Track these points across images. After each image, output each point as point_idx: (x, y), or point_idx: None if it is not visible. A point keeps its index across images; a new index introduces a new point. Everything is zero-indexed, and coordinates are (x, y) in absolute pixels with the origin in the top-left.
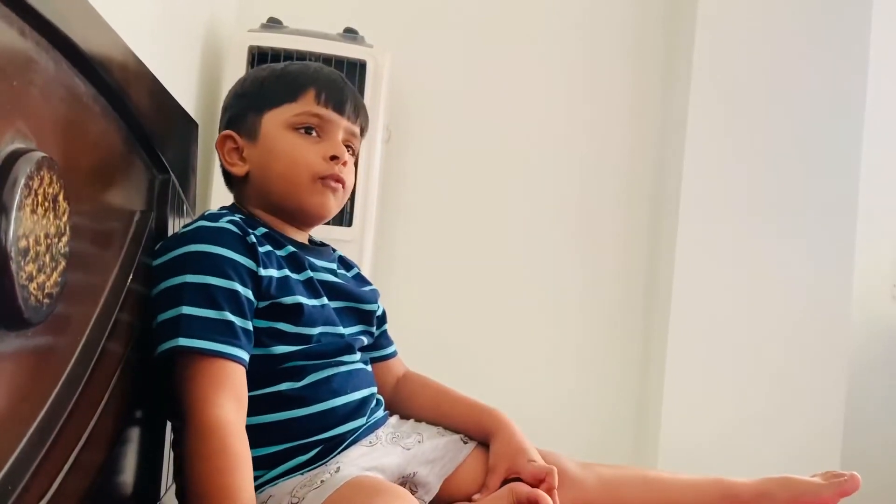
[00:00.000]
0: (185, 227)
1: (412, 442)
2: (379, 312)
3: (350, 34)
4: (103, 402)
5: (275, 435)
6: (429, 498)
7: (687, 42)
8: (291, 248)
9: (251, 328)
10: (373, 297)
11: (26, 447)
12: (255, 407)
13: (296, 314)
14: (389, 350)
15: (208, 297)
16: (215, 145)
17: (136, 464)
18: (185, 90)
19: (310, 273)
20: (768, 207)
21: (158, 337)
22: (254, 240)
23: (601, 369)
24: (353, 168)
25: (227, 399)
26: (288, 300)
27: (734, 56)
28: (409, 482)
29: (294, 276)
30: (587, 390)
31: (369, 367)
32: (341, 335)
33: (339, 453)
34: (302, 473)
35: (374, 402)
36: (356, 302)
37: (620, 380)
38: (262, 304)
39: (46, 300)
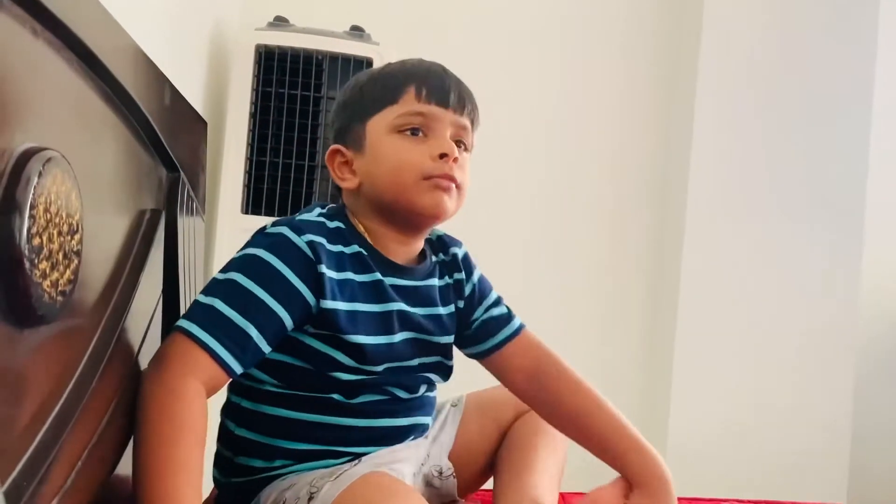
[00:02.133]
0: (274, 223)
1: None
2: (489, 302)
3: (356, 32)
4: (115, 399)
5: (315, 434)
6: (448, 472)
7: (694, 34)
8: (378, 276)
9: (266, 350)
10: (448, 328)
11: (40, 444)
12: (304, 405)
13: (358, 352)
14: (500, 337)
15: (245, 303)
16: (325, 161)
17: None
18: (192, 89)
19: (390, 305)
20: (776, 202)
21: (186, 311)
22: (324, 269)
23: (608, 366)
24: (467, 162)
25: (201, 385)
26: (350, 338)
27: (741, 48)
28: (425, 469)
29: (367, 307)
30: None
31: (433, 394)
32: (410, 369)
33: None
34: (326, 467)
35: (421, 429)
36: (429, 335)
37: (627, 374)
38: (325, 332)
39: (60, 297)
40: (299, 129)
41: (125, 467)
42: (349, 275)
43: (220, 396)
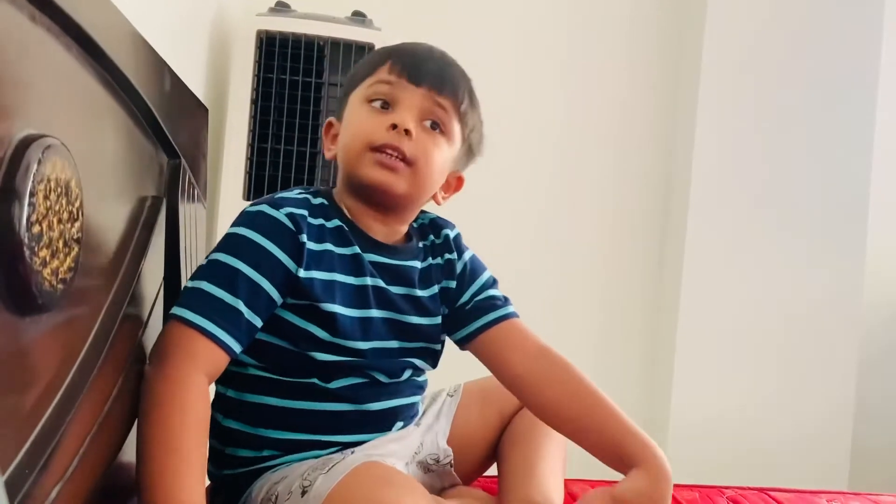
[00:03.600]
0: (253, 203)
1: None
2: (483, 281)
3: (358, 17)
4: (117, 387)
5: (299, 422)
6: (445, 459)
7: (696, 35)
8: (357, 250)
9: (258, 324)
10: (430, 311)
11: (42, 432)
12: (286, 391)
13: (331, 323)
14: (487, 318)
15: (231, 280)
16: (322, 132)
17: None
18: (193, 75)
19: (366, 280)
20: (779, 193)
21: (179, 298)
22: (305, 239)
23: (611, 359)
24: (437, 144)
25: (203, 374)
26: (325, 307)
27: (744, 48)
28: (420, 456)
29: (344, 278)
30: (596, 384)
31: (420, 378)
32: (390, 352)
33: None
34: (315, 457)
35: (409, 413)
36: (403, 314)
37: (630, 359)
38: (302, 302)
39: (60, 285)
40: (301, 115)
41: (128, 454)
42: (329, 246)
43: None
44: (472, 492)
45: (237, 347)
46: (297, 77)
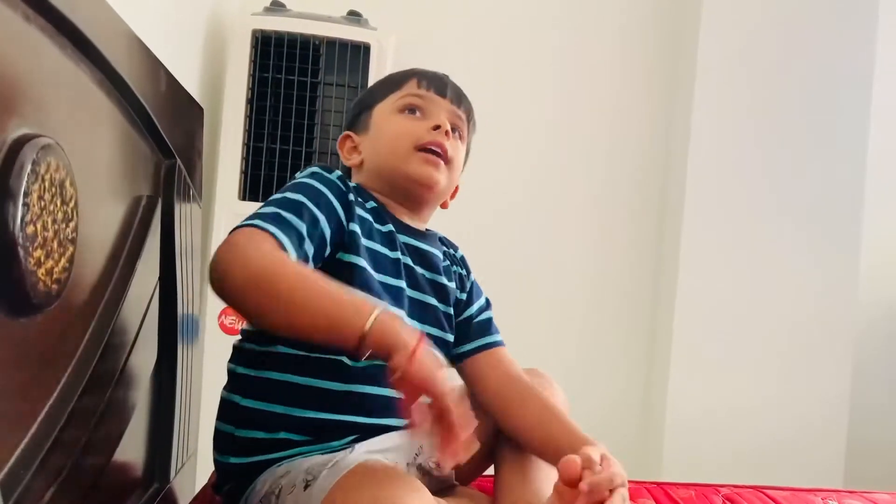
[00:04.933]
0: (300, 172)
1: None
2: (482, 302)
3: (354, 17)
4: (112, 387)
5: (320, 401)
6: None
7: (692, 31)
8: (392, 228)
9: (312, 252)
10: (450, 300)
11: (37, 433)
12: (313, 369)
13: (361, 280)
14: (484, 341)
15: (296, 209)
16: (337, 146)
17: (147, 446)
18: (189, 75)
19: (399, 255)
20: (775, 190)
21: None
22: (353, 198)
23: (608, 358)
24: (462, 152)
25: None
26: (359, 261)
27: (739, 46)
28: (420, 459)
29: (380, 248)
30: (593, 382)
31: None
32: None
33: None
34: (323, 453)
35: None
36: (426, 295)
37: (626, 357)
38: (340, 257)
39: (55, 286)
40: (296, 114)
41: (123, 454)
42: (369, 219)
43: (223, 378)
44: (468, 492)
45: (291, 249)
46: (292, 76)
